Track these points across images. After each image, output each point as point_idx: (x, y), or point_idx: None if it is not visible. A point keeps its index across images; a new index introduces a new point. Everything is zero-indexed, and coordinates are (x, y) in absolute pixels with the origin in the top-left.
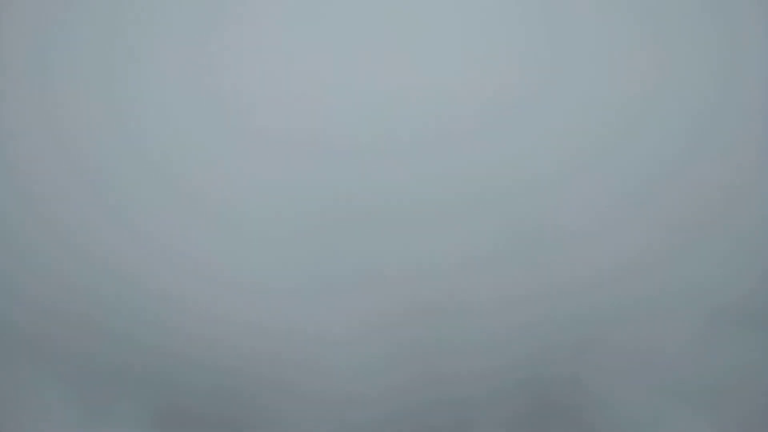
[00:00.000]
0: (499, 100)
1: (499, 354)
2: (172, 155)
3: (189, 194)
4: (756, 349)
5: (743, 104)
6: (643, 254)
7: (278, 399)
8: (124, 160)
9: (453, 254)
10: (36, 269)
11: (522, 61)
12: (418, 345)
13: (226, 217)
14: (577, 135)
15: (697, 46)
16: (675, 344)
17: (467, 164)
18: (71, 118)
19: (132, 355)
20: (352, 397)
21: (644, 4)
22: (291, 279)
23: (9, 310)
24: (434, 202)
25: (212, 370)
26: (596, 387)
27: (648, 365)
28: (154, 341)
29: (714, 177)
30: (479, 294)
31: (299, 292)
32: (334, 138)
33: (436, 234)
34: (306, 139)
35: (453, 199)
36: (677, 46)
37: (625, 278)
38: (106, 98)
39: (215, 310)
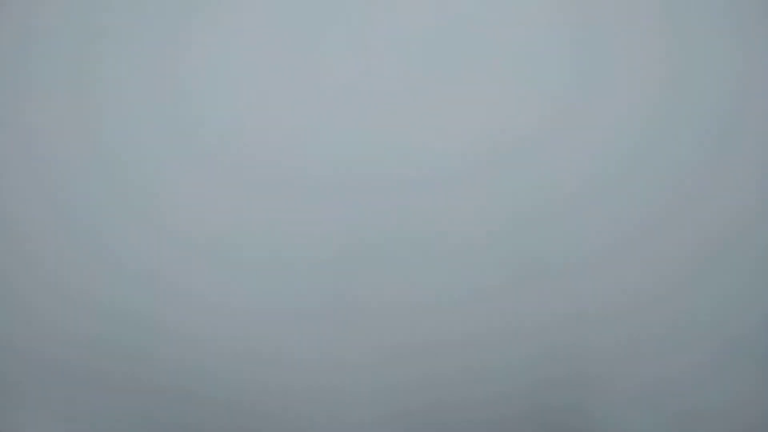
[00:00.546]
0: (504, 133)
1: (505, 384)
2: (160, 187)
3: (179, 226)
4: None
5: (759, 134)
6: (652, 284)
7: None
8: (107, 192)
9: (457, 286)
10: (17, 309)
11: (526, 93)
12: (422, 376)
13: (223, 248)
14: (582, 165)
15: (714, 77)
16: (684, 375)
17: (470, 197)
18: (48, 150)
19: (129, 393)
20: (357, 426)
21: (660, 29)
22: (289, 309)
23: None
24: (436, 235)
25: (210, 402)
26: (603, 418)
27: (657, 397)
28: (151, 376)
29: (724, 206)
30: (483, 326)
31: (298, 323)
32: (337, 170)
33: (439, 266)
34: (302, 169)
35: (456, 230)
36: (690, 78)
37: (633, 309)
38: (86, 128)
39: (213, 342)
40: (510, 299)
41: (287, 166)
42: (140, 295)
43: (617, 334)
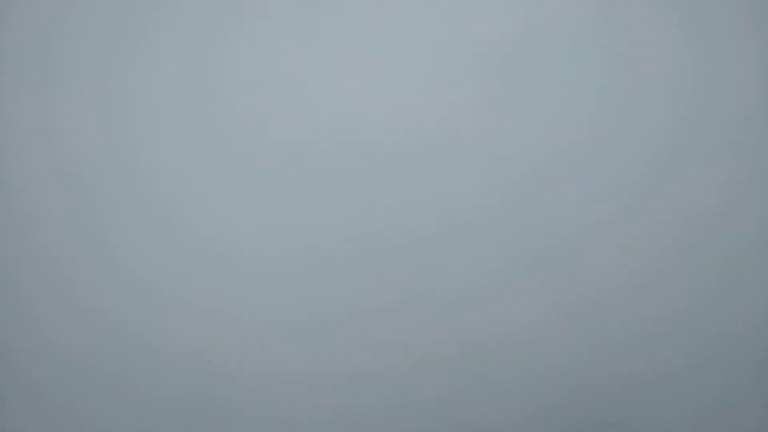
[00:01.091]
0: (485, 108)
1: (535, 396)
2: (174, 195)
3: (193, 235)
4: None
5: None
6: (663, 263)
7: None
8: (125, 196)
9: (473, 283)
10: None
11: (514, 85)
12: (452, 388)
13: (232, 258)
14: (572, 133)
15: (685, 62)
16: (682, 372)
17: (472, 180)
18: (71, 152)
19: (129, 410)
20: None
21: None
22: (293, 319)
23: None
24: (442, 229)
25: (214, 416)
26: (615, 415)
27: (660, 393)
28: (153, 395)
29: (717, 180)
30: (505, 327)
31: (310, 333)
32: (347, 168)
33: (450, 263)
34: (315, 169)
35: (464, 222)
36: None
37: (651, 293)
38: (109, 132)
39: (221, 359)
40: (528, 292)
41: (304, 167)
42: (146, 305)
43: (641, 325)
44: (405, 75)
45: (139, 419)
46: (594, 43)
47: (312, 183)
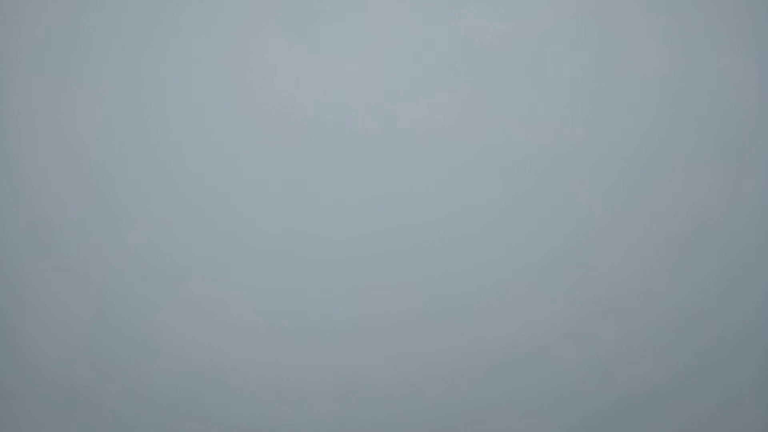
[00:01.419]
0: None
1: (546, 407)
2: (191, 190)
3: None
4: None
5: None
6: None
7: None
8: (138, 189)
9: (478, 289)
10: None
11: (498, 67)
12: (452, 401)
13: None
14: (566, 133)
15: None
16: (679, 374)
17: (470, 182)
18: (90, 136)
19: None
20: None
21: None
22: (297, 324)
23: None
24: (445, 234)
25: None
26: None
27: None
28: (166, 401)
29: (717, 179)
30: (514, 334)
31: (306, 342)
32: (351, 172)
33: (464, 270)
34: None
35: (462, 228)
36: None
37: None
38: (125, 123)
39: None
40: (542, 295)
41: (316, 168)
42: (163, 299)
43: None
44: (410, 79)
45: (142, 411)
46: (586, 45)
47: (318, 182)
